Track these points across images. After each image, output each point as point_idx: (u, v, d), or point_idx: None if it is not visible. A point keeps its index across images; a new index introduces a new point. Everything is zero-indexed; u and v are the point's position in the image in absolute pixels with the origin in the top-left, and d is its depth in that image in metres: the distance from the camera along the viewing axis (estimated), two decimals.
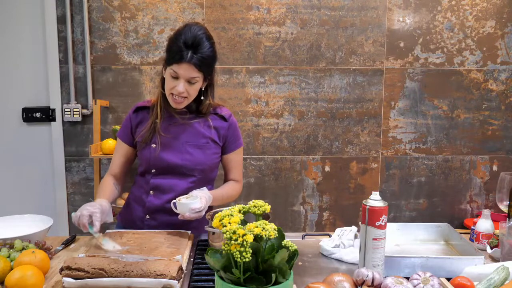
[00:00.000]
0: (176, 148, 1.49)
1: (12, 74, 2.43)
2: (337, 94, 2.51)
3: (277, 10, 2.43)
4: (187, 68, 1.36)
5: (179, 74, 1.37)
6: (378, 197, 1.09)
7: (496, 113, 2.58)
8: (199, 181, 1.51)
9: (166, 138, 1.49)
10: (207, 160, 1.51)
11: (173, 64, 1.37)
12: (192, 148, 1.49)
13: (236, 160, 1.59)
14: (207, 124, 1.52)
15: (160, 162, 1.48)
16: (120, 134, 1.58)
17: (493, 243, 1.29)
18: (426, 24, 2.49)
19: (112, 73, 2.43)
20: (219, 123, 1.53)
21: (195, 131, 1.50)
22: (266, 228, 0.79)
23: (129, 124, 1.55)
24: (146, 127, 1.50)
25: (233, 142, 1.56)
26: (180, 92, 1.39)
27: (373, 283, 0.99)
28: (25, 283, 1.00)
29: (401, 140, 2.57)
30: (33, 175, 2.50)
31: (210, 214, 1.34)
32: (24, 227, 1.36)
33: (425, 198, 2.63)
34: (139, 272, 1.04)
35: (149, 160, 1.49)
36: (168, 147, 1.49)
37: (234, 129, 1.56)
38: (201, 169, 1.50)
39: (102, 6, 2.38)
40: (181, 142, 1.49)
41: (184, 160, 1.48)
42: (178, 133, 1.50)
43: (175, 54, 1.36)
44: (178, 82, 1.39)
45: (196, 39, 1.36)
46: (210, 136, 1.51)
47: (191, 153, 1.49)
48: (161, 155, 1.48)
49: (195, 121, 1.51)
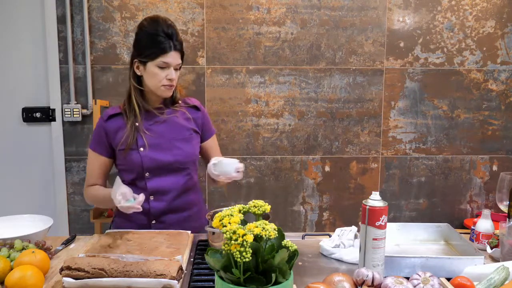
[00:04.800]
0: (165, 146, 1.49)
1: (12, 74, 2.43)
2: (337, 94, 2.51)
3: (277, 10, 2.43)
4: (174, 55, 1.44)
5: (169, 62, 1.44)
6: (378, 197, 1.09)
7: (496, 113, 2.58)
8: (191, 173, 1.55)
9: (152, 138, 1.49)
10: (195, 150, 1.56)
11: (160, 56, 1.42)
12: (180, 143, 1.51)
13: (215, 146, 1.66)
14: (185, 116, 1.55)
15: (152, 163, 1.47)
16: (93, 146, 1.54)
17: (493, 243, 1.29)
18: (426, 24, 2.49)
19: (112, 73, 2.43)
20: (194, 114, 1.58)
21: (177, 125, 1.53)
22: (266, 228, 0.79)
23: (104, 134, 1.51)
24: (126, 132, 1.48)
25: (209, 129, 1.64)
26: (174, 78, 1.45)
27: (373, 283, 0.99)
28: (25, 283, 1.00)
29: (401, 140, 2.57)
30: (33, 175, 2.50)
31: (210, 214, 1.34)
32: (24, 227, 1.36)
33: (425, 198, 2.63)
34: (139, 272, 1.04)
35: (140, 164, 1.47)
36: (156, 147, 1.49)
37: (206, 117, 1.64)
38: (192, 161, 1.55)
39: (102, 6, 2.38)
40: (168, 139, 1.50)
41: (176, 156, 1.49)
42: (162, 131, 1.51)
43: (159, 46, 1.42)
44: (169, 71, 1.45)
45: (172, 29, 1.45)
46: (191, 127, 1.55)
47: (180, 148, 1.51)
48: (152, 156, 1.47)
49: (173, 115, 1.53)
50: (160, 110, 1.53)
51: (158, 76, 1.44)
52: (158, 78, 1.44)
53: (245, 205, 0.90)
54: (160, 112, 1.52)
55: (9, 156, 2.48)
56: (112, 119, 1.52)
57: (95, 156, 1.54)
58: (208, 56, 2.44)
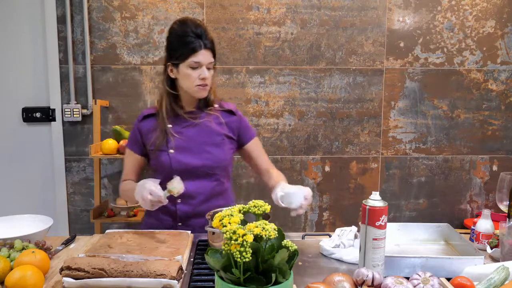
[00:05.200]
0: (195, 150, 1.49)
1: (12, 74, 2.43)
2: (337, 94, 2.51)
3: (277, 10, 2.43)
4: (206, 53, 1.42)
5: (201, 61, 1.41)
6: (378, 197, 1.09)
7: (496, 113, 2.58)
8: (221, 179, 1.53)
9: (182, 141, 1.49)
10: (226, 156, 1.53)
11: (191, 57, 1.40)
12: (210, 147, 1.50)
13: (257, 148, 1.61)
14: (218, 121, 1.53)
15: (180, 166, 1.47)
16: (129, 145, 1.57)
17: (493, 243, 1.29)
18: (426, 24, 2.49)
19: (112, 73, 2.43)
20: (228, 118, 1.55)
21: (209, 130, 1.51)
22: (266, 228, 0.79)
23: (138, 134, 1.54)
24: (157, 133, 1.49)
25: (247, 132, 1.59)
26: (207, 77, 1.43)
27: (373, 283, 0.99)
28: (25, 283, 1.00)
29: (401, 140, 2.57)
30: (33, 175, 2.50)
31: (210, 214, 1.34)
32: (24, 227, 1.36)
33: (425, 198, 2.63)
34: (139, 272, 1.04)
35: (169, 166, 1.48)
36: (186, 150, 1.48)
37: (243, 120, 1.59)
38: (222, 166, 1.52)
39: (102, 6, 2.38)
40: (198, 143, 1.49)
41: (205, 160, 1.48)
42: (193, 135, 1.50)
43: (188, 47, 1.40)
44: (201, 70, 1.42)
45: (201, 28, 1.42)
46: (224, 133, 1.53)
47: (210, 152, 1.49)
48: (181, 159, 1.47)
49: (206, 119, 1.51)
50: (193, 114, 1.51)
51: (191, 77, 1.43)
52: (191, 79, 1.43)
53: (245, 205, 0.90)
54: (193, 116, 1.51)
55: (9, 156, 2.48)
56: (147, 119, 1.54)
57: (130, 153, 1.57)
58: None
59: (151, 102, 2.44)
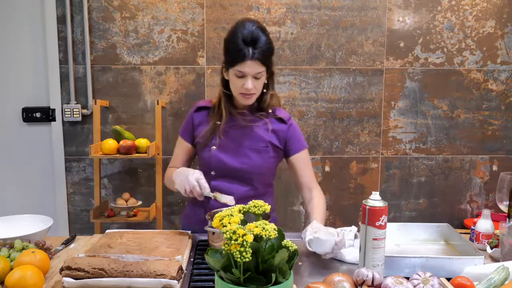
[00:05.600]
0: (235, 151, 1.48)
1: (12, 74, 2.43)
2: (337, 94, 2.51)
3: (277, 10, 2.43)
4: (252, 64, 1.36)
5: (245, 72, 1.37)
6: (378, 197, 1.09)
7: (496, 113, 2.58)
8: (256, 184, 1.50)
9: (226, 141, 1.48)
10: (265, 164, 1.50)
11: (237, 64, 1.36)
12: (251, 152, 1.48)
13: (303, 161, 1.55)
14: (266, 127, 1.51)
15: (219, 164, 1.48)
16: (182, 132, 1.58)
17: (493, 243, 1.29)
18: (426, 24, 2.49)
19: (112, 73, 2.43)
20: (278, 126, 1.52)
21: (255, 135, 1.49)
22: (266, 228, 0.79)
23: (191, 123, 1.55)
24: (206, 128, 1.50)
25: (295, 143, 1.54)
26: (250, 89, 1.39)
27: (373, 283, 0.99)
28: (25, 283, 1.00)
29: (401, 140, 2.57)
30: (33, 175, 2.50)
31: (210, 214, 1.34)
32: (24, 227, 1.36)
33: (425, 198, 2.62)
34: (139, 272, 1.04)
35: (209, 162, 1.49)
36: (227, 149, 1.48)
37: (294, 130, 1.54)
38: (259, 173, 1.50)
39: (102, 6, 2.38)
40: (240, 146, 1.48)
41: (243, 164, 1.47)
42: (238, 136, 1.49)
43: (236, 54, 1.35)
44: (245, 80, 1.38)
45: (253, 35, 1.35)
46: (269, 140, 1.50)
47: (250, 157, 1.48)
48: (221, 158, 1.47)
49: (255, 124, 1.50)
50: (243, 116, 1.50)
51: (235, 84, 1.41)
52: (235, 86, 1.41)
53: (245, 205, 0.90)
54: (243, 118, 1.50)
55: (9, 156, 2.48)
56: (200, 111, 1.55)
57: (181, 141, 1.58)
58: (208, 56, 2.44)
59: (151, 102, 2.44)
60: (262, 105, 1.51)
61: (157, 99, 2.38)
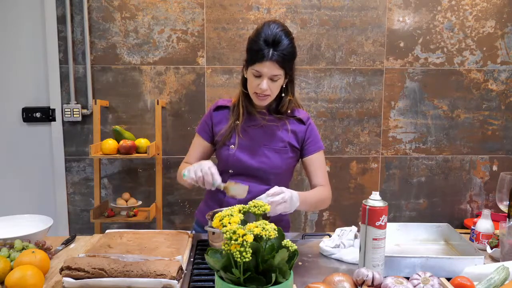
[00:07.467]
0: (254, 151, 1.49)
1: (12, 74, 2.43)
2: (337, 94, 2.51)
3: (277, 10, 2.43)
4: (270, 66, 1.36)
5: (262, 72, 1.37)
6: (378, 197, 1.09)
7: (496, 113, 2.58)
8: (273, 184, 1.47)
9: (245, 140, 1.49)
10: (283, 164, 1.51)
11: (255, 64, 1.37)
12: (270, 152, 1.49)
13: (317, 162, 1.54)
14: (285, 127, 1.51)
15: (237, 163, 1.48)
16: (199, 130, 1.59)
17: (493, 243, 1.29)
18: (426, 24, 2.49)
19: (112, 73, 2.43)
20: (297, 127, 1.53)
21: (273, 135, 1.50)
22: (266, 228, 0.79)
23: (210, 122, 1.56)
24: (226, 127, 1.51)
25: (312, 144, 1.54)
26: (264, 90, 1.39)
27: (373, 283, 0.99)
28: (25, 283, 1.00)
29: (401, 140, 2.57)
30: (33, 175, 2.50)
31: (210, 214, 1.34)
32: (24, 227, 1.36)
33: (425, 198, 2.63)
34: (139, 272, 1.04)
35: (227, 161, 1.49)
36: (246, 149, 1.49)
37: (312, 131, 1.55)
38: (277, 173, 1.50)
39: (102, 6, 2.38)
40: (259, 145, 1.49)
41: (261, 163, 1.48)
42: (256, 136, 1.50)
43: (256, 54, 1.36)
44: (261, 80, 1.38)
45: (276, 37, 1.35)
46: (287, 140, 1.51)
47: (268, 157, 1.48)
48: (239, 157, 1.48)
49: (274, 124, 1.50)
50: (262, 115, 1.50)
51: (252, 83, 1.42)
52: (251, 85, 1.42)
53: (245, 205, 0.90)
54: (262, 117, 1.50)
55: (9, 156, 2.48)
56: (219, 110, 1.55)
57: (198, 138, 1.59)
58: (208, 56, 2.44)
59: (151, 102, 2.44)
60: (280, 109, 1.51)
61: (157, 99, 2.38)
